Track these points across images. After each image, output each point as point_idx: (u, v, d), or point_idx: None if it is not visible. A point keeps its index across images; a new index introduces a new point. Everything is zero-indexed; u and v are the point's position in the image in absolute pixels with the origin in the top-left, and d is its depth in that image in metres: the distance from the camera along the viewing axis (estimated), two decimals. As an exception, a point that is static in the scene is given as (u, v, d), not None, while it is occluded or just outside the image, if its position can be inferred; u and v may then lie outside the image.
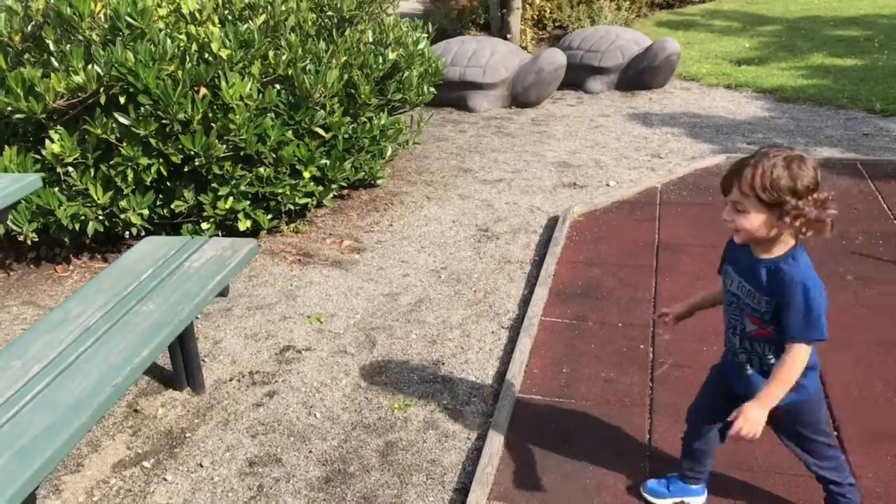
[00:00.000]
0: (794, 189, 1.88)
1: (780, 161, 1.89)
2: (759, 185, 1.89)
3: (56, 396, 2.25)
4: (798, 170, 1.89)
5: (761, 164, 1.90)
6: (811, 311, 1.94)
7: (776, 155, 1.91)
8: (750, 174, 1.91)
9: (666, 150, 5.88)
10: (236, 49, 3.85)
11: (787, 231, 1.96)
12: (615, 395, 3.01)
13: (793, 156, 1.91)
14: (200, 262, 2.99)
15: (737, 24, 10.43)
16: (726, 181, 1.98)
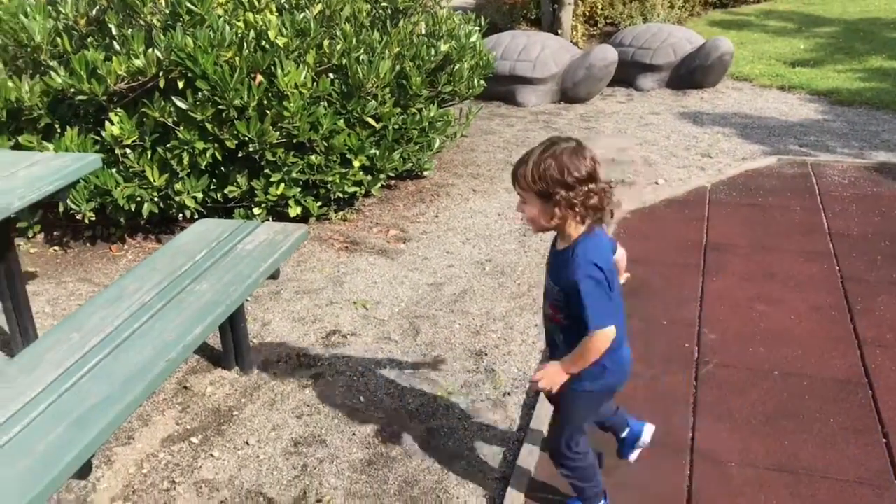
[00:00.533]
0: (562, 180, 1.97)
1: (554, 153, 1.98)
2: (530, 177, 1.99)
3: (112, 369, 2.32)
4: (569, 161, 1.97)
5: (538, 156, 2.00)
6: (591, 303, 2.01)
7: (553, 147, 2.00)
8: (524, 168, 2.01)
9: (716, 150, 5.81)
10: (292, 37, 3.90)
11: (570, 219, 2.04)
12: (659, 393, 3.00)
13: (568, 148, 2.00)
14: (253, 245, 3.05)
15: (792, 24, 10.24)
16: (513, 174, 2.07)
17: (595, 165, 2.01)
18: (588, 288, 2.01)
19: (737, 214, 4.57)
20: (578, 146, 2.02)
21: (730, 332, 3.39)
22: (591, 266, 2.02)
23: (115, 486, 2.64)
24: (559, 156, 1.98)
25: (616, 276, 2.21)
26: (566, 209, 2.00)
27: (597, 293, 2.02)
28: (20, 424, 2.06)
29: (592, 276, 2.01)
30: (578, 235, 2.07)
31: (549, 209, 2.02)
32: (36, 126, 4.03)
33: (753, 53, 8.69)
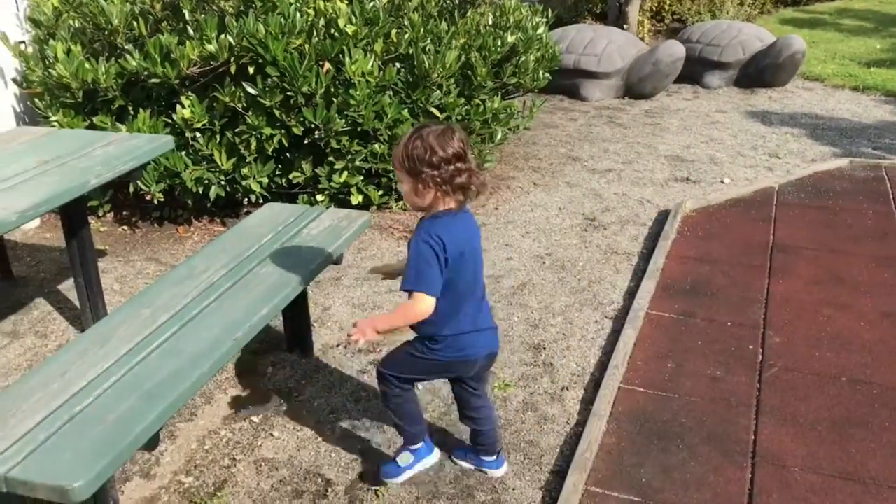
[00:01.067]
0: (428, 160, 2.09)
1: (422, 135, 2.11)
2: (400, 156, 2.13)
3: (181, 345, 2.37)
4: (435, 142, 2.09)
5: (408, 138, 2.13)
6: (414, 264, 2.15)
7: (422, 129, 2.13)
8: (396, 149, 2.15)
9: (784, 151, 5.68)
10: (361, 26, 3.93)
11: (440, 197, 2.14)
12: (721, 394, 2.95)
13: (436, 130, 2.12)
14: (318, 230, 3.08)
15: (868, 23, 9.94)
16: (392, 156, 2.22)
17: (462, 147, 2.13)
18: (419, 250, 2.15)
19: (805, 216, 4.46)
20: (447, 129, 2.14)
21: (796, 336, 3.31)
22: (432, 236, 2.14)
23: (177, 461, 2.70)
24: (426, 137, 2.11)
25: (471, 262, 2.26)
26: (433, 186, 2.12)
27: (424, 258, 2.14)
28: (93, 395, 2.12)
29: (429, 242, 2.14)
30: (435, 211, 2.20)
31: (418, 187, 2.14)
32: (110, 107, 4.14)
33: (826, 53, 8.47)
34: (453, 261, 2.17)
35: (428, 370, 2.43)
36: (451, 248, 2.15)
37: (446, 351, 2.32)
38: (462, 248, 2.19)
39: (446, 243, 2.14)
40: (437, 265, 2.15)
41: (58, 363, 2.26)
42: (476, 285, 2.32)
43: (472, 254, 2.25)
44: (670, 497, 2.46)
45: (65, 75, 3.88)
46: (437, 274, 2.16)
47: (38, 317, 3.58)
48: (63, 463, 1.86)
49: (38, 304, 3.69)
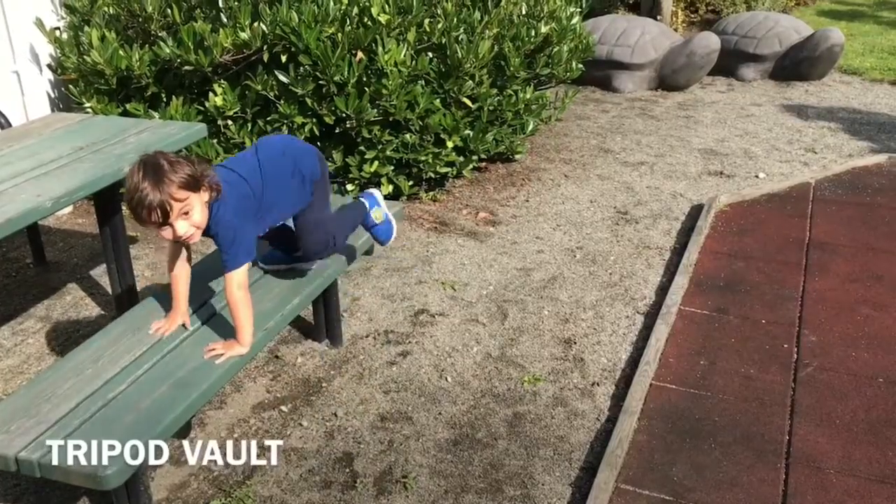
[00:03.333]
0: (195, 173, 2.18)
1: (160, 167, 2.12)
2: (179, 184, 2.13)
3: (212, 335, 2.38)
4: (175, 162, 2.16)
5: (160, 175, 2.11)
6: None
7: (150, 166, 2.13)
8: (166, 189, 2.10)
9: (821, 146, 5.58)
10: (395, 15, 3.90)
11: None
12: (754, 393, 2.91)
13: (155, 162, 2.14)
14: (349, 220, 3.07)
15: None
16: (149, 216, 2.12)
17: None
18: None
19: (842, 213, 4.38)
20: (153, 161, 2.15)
21: (832, 335, 3.25)
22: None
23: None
24: (169, 165, 2.14)
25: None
26: (210, 191, 2.23)
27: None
28: (126, 382, 2.13)
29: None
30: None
31: (201, 198, 2.20)
32: (143, 94, 4.16)
33: (864, 46, 8.30)
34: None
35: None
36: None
37: None
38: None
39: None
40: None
41: (91, 349, 2.28)
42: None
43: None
44: (702, 496, 2.42)
45: (99, 62, 3.89)
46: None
47: (71, 302, 3.61)
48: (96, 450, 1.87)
49: (70, 290, 3.72)
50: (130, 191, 2.11)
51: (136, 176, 2.10)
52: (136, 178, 2.10)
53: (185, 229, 2.19)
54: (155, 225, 2.15)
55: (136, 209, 2.12)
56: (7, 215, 2.48)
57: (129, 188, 2.11)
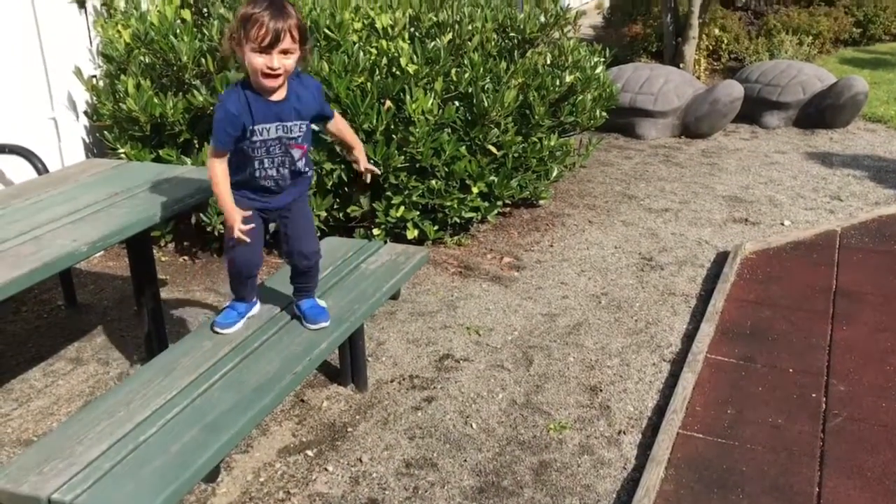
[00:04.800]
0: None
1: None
2: (301, 26, 2.29)
3: (242, 377, 2.41)
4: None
5: (287, 8, 2.24)
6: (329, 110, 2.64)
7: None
8: (293, 20, 2.24)
9: (847, 193, 5.57)
10: (423, 65, 3.99)
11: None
12: (783, 443, 2.88)
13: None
14: (376, 265, 3.11)
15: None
16: (277, 31, 2.22)
17: None
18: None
19: (869, 262, 4.36)
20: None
21: (861, 385, 3.22)
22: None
23: (233, 492, 2.72)
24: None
25: None
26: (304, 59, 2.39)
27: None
28: (156, 425, 2.15)
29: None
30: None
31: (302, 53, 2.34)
32: (176, 141, 4.25)
33: (888, 93, 8.31)
34: None
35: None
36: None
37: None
38: None
39: None
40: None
41: (123, 392, 2.31)
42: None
43: None
44: (732, 549, 2.39)
45: (134, 109, 4.00)
46: None
47: (101, 344, 3.66)
48: (126, 493, 1.89)
49: (100, 332, 3.77)
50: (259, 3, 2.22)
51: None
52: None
53: (277, 63, 2.28)
54: (268, 42, 2.23)
55: (267, 19, 2.21)
56: (44, 260, 2.53)
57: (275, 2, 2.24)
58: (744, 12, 10.30)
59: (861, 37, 11.08)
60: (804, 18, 10.08)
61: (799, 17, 10.09)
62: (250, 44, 2.24)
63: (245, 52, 2.28)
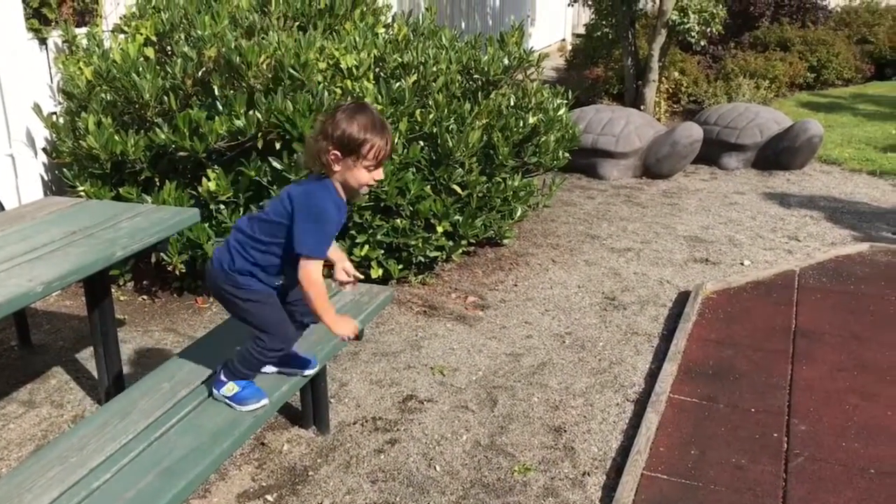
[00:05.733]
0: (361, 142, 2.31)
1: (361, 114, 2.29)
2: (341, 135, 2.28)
3: (201, 421, 2.35)
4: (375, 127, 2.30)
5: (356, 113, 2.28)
6: (316, 226, 2.34)
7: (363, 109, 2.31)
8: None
9: (804, 234, 5.68)
10: (387, 105, 4.00)
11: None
12: (746, 484, 2.88)
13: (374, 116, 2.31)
14: (339, 306, 3.08)
15: (884, 108, 10.05)
16: (389, 151, 2.31)
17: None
18: (325, 208, 2.33)
19: (827, 301, 4.43)
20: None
21: (822, 425, 3.25)
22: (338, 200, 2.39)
23: (190, 539, 2.65)
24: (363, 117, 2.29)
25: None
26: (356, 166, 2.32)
27: (329, 219, 2.34)
28: (111, 471, 2.09)
29: (337, 204, 2.36)
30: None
31: (347, 162, 2.30)
32: (137, 179, 4.20)
33: (842, 137, 8.54)
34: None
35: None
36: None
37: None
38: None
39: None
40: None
41: (77, 436, 2.24)
42: None
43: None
44: (697, 592, 2.38)
45: (94, 147, 3.95)
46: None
47: (55, 386, 3.57)
48: (78, 542, 1.83)
49: (55, 373, 3.68)
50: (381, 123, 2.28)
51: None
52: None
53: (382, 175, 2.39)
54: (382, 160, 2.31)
55: (384, 143, 2.29)
56: (-3, 299, 2.47)
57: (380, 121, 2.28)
58: (702, 56, 10.55)
59: (815, 81, 11.40)
60: (760, 63, 10.35)
61: (755, 61, 10.37)
62: (365, 162, 2.26)
63: (350, 168, 2.27)
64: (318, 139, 2.28)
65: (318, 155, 2.29)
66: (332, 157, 2.26)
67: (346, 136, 2.24)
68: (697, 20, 8.60)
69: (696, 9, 8.59)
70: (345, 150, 2.25)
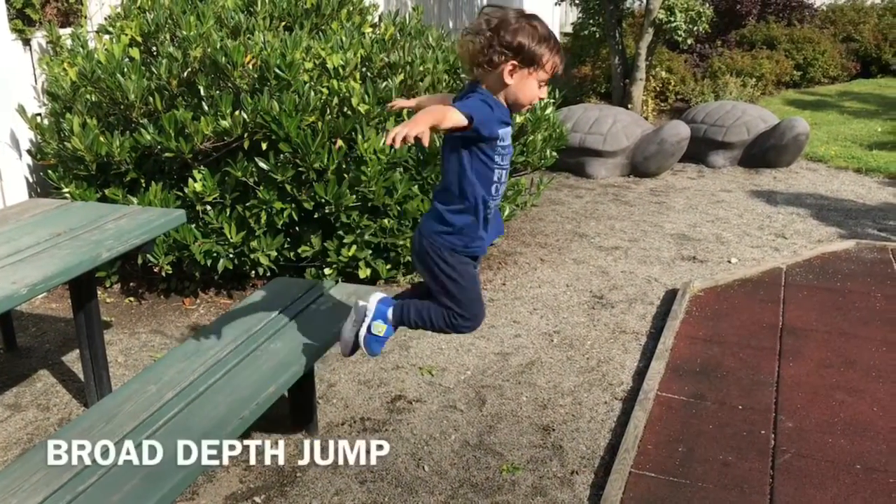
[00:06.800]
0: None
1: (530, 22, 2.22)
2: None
3: (187, 423, 2.34)
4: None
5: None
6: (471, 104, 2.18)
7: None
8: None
9: (791, 231, 5.71)
10: (374, 105, 4.00)
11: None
12: (733, 481, 2.89)
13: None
14: (327, 306, 3.08)
15: (870, 106, 10.11)
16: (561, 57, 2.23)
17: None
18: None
19: (814, 298, 4.45)
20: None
21: (808, 421, 3.26)
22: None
23: (177, 542, 2.63)
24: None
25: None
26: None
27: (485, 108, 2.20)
28: (97, 474, 2.08)
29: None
30: None
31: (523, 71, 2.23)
32: (122, 180, 4.18)
33: (829, 134, 8.58)
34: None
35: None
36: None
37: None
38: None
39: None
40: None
41: (62, 440, 2.23)
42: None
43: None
44: (685, 590, 2.38)
45: (79, 148, 3.93)
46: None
47: (41, 389, 3.55)
48: (63, 547, 1.81)
49: (41, 376, 3.65)
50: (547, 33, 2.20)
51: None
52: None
53: (543, 93, 2.31)
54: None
55: (559, 59, 2.24)
56: (-20, 303, 2.45)
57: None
58: (689, 55, 10.57)
59: (801, 79, 11.45)
60: (747, 61, 10.39)
61: (742, 59, 10.40)
62: (541, 74, 2.19)
63: (520, 77, 2.18)
64: (489, 45, 2.15)
65: (486, 63, 2.16)
66: (509, 66, 2.16)
67: (526, 45, 2.14)
68: (684, 19, 8.62)
69: (683, 7, 8.61)
70: (525, 61, 2.15)
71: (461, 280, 2.43)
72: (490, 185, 2.30)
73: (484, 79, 2.23)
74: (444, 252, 2.38)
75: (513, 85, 2.20)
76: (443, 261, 2.39)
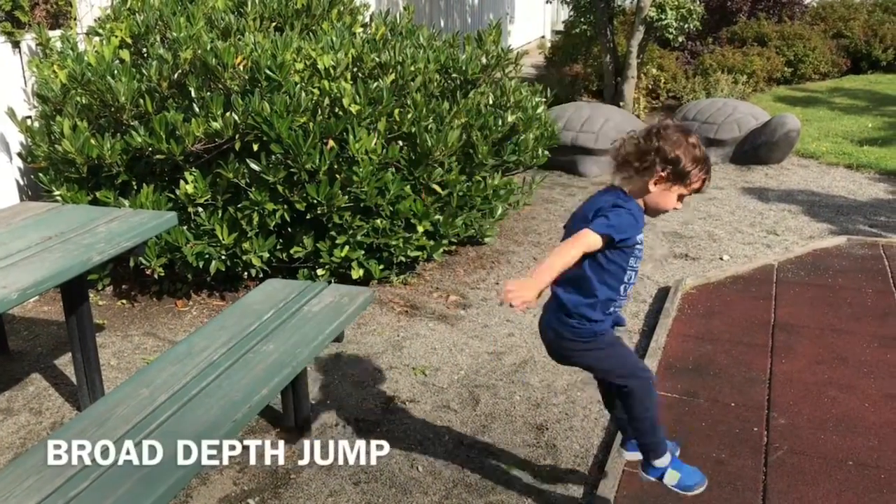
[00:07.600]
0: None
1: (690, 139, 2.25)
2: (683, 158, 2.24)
3: (180, 427, 2.34)
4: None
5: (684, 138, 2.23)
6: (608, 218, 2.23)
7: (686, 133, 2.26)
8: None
9: (782, 228, 5.72)
10: (365, 105, 3.99)
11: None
12: (726, 478, 2.90)
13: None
14: (319, 307, 3.08)
15: (860, 102, 10.14)
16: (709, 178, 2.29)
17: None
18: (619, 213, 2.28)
19: (805, 295, 4.47)
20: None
21: (800, 418, 3.28)
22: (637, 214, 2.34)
23: (171, 545, 2.63)
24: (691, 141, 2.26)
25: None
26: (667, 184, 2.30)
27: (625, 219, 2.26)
28: (90, 478, 2.07)
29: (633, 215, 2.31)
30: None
31: (668, 184, 2.28)
32: (114, 182, 4.17)
33: (820, 131, 8.61)
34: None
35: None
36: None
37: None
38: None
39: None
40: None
41: (53, 444, 2.22)
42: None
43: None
44: (678, 587, 2.39)
45: (70, 151, 3.92)
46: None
47: (34, 393, 3.54)
48: (56, 552, 1.81)
49: (33, 380, 3.64)
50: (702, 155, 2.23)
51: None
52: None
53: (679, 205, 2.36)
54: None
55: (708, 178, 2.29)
56: (-29, 307, 2.44)
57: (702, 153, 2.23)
58: (680, 52, 10.59)
59: (792, 76, 11.47)
60: (738, 58, 10.41)
61: (733, 56, 10.42)
62: (684, 189, 2.23)
63: (664, 187, 2.23)
64: (646, 154, 2.20)
65: (641, 168, 2.22)
66: (657, 178, 2.21)
67: (682, 163, 2.19)
68: (675, 16, 8.64)
69: (674, 5, 8.63)
70: (674, 175, 2.20)
71: (609, 349, 2.45)
72: (619, 286, 2.36)
73: (628, 182, 2.28)
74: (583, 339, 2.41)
75: (654, 194, 2.25)
76: (584, 346, 2.43)
